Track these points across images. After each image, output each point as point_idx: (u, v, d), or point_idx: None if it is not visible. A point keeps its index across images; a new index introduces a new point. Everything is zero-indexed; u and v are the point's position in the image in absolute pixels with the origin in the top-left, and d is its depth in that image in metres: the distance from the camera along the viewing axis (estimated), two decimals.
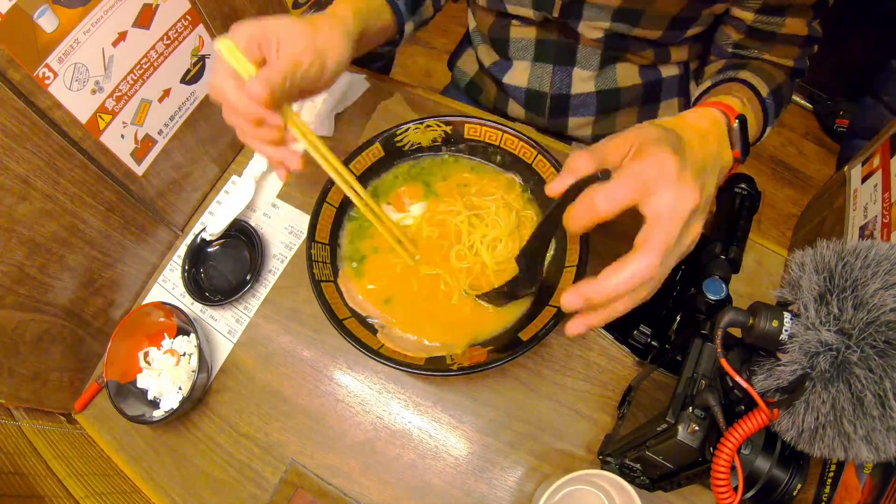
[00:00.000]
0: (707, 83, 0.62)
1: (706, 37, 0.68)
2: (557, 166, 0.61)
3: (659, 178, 0.38)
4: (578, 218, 0.39)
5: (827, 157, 1.56)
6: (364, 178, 0.65)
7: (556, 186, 0.41)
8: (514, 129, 0.63)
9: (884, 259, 0.33)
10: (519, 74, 0.75)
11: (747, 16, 0.60)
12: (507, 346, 0.55)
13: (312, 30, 0.50)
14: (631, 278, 0.38)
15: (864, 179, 0.58)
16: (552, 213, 0.44)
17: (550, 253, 0.61)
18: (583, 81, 0.73)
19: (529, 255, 0.53)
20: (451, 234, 0.63)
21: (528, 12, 0.67)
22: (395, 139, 0.65)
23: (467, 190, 0.66)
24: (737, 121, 0.48)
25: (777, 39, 0.60)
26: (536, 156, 0.62)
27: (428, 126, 0.65)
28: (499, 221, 0.63)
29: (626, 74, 0.72)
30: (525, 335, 0.55)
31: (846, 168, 0.62)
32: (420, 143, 0.66)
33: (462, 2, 0.81)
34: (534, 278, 0.57)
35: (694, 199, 0.39)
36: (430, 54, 1.94)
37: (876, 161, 0.57)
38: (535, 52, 0.72)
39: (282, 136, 0.51)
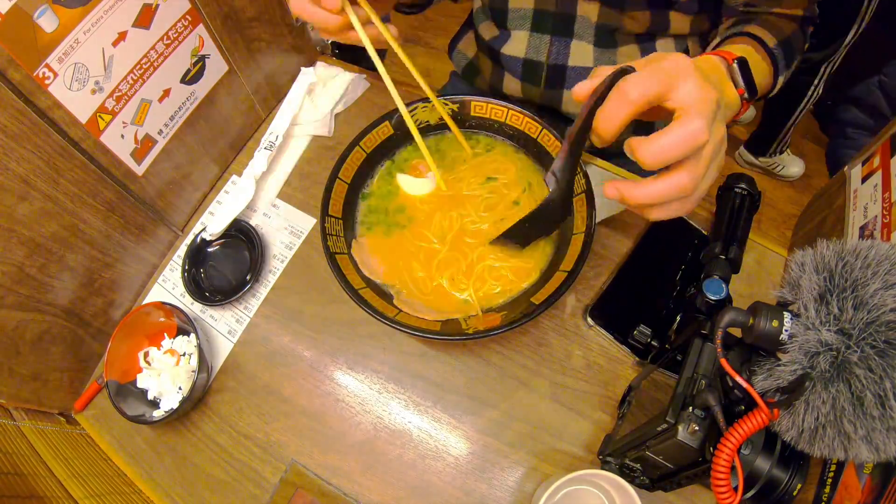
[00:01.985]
0: (715, 41, 0.63)
1: (709, 7, 0.69)
2: (559, 138, 0.64)
3: (680, 70, 0.38)
4: (611, 115, 0.39)
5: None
6: (377, 157, 0.67)
7: (583, 87, 0.41)
8: (517, 107, 0.66)
9: (884, 259, 0.33)
10: (516, 45, 0.75)
11: None
12: (521, 311, 0.56)
13: None
14: (682, 139, 0.37)
15: (864, 179, 0.58)
16: (582, 124, 0.43)
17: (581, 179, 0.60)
18: (581, 55, 0.73)
19: (561, 171, 0.49)
20: (468, 196, 0.65)
21: None
22: (404, 116, 0.66)
23: (479, 159, 0.68)
24: (735, 62, 0.50)
25: None
26: (541, 130, 0.65)
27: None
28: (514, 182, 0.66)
29: (628, 53, 0.73)
30: (537, 299, 0.56)
31: (846, 168, 0.62)
32: (428, 122, 0.68)
33: None
34: (567, 198, 0.54)
35: (714, 93, 0.39)
36: (429, 54, 1.95)
37: (876, 161, 0.57)
38: (532, 22, 0.73)
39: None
